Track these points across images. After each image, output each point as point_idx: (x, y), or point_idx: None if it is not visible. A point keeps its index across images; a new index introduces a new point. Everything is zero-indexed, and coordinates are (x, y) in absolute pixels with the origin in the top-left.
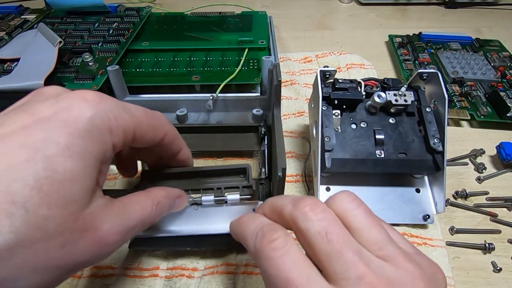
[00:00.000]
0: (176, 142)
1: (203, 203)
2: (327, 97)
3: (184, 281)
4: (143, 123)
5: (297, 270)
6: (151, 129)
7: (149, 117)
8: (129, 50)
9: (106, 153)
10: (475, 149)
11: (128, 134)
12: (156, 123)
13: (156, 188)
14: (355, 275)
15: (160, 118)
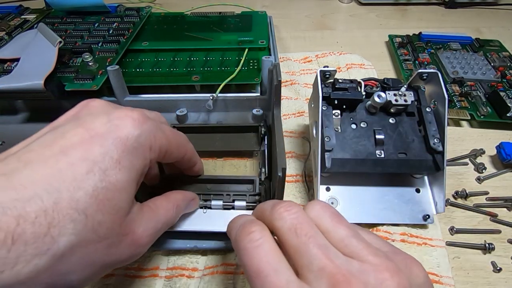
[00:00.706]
0: (193, 158)
1: (212, 207)
2: (327, 97)
3: (184, 281)
4: (172, 142)
5: (268, 261)
6: (177, 147)
7: (176, 137)
8: (129, 50)
9: (145, 167)
10: (475, 149)
11: (162, 151)
12: (180, 142)
13: (174, 192)
14: (317, 267)
15: (183, 138)
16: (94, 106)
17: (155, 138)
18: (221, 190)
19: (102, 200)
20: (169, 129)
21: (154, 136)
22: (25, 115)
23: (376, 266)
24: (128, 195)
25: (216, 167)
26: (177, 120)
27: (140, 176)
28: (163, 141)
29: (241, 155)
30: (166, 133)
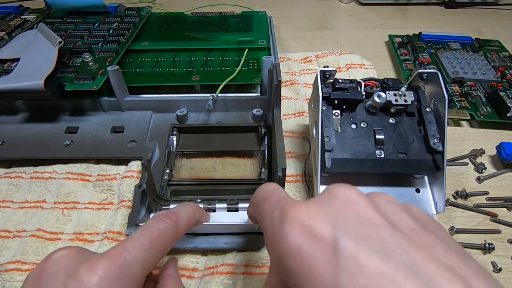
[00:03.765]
0: (191, 226)
1: (217, 210)
2: (327, 97)
3: (184, 281)
4: (150, 261)
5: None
6: (159, 254)
7: (155, 248)
8: (129, 50)
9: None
10: (475, 149)
11: (139, 284)
12: (163, 248)
13: (170, 263)
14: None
15: (166, 238)
16: (56, 262)
17: (127, 284)
18: (225, 193)
19: None
20: (145, 247)
21: (124, 284)
22: (25, 115)
23: None
24: None
25: (216, 167)
26: (177, 120)
27: None
28: (139, 274)
29: (241, 155)
30: (142, 258)
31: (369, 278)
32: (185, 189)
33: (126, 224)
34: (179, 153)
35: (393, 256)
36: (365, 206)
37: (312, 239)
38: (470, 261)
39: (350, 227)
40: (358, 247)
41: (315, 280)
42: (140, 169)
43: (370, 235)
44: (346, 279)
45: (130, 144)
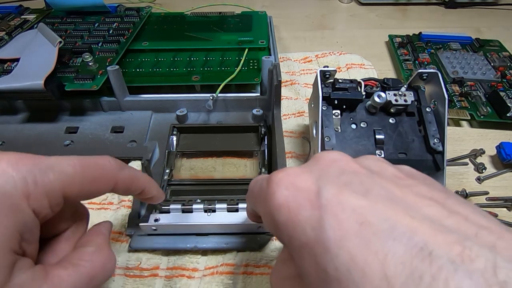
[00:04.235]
0: (132, 187)
1: (217, 210)
2: (327, 97)
3: (184, 281)
4: (76, 179)
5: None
6: (89, 183)
7: (85, 170)
8: (129, 50)
9: (27, 221)
10: (475, 149)
11: (54, 197)
12: (97, 175)
13: (99, 226)
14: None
15: (104, 168)
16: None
17: (35, 184)
18: (225, 193)
19: None
20: (75, 162)
21: (35, 181)
22: (25, 115)
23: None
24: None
25: (216, 167)
26: (177, 120)
27: (22, 233)
28: (54, 184)
29: (241, 155)
30: (64, 170)
31: (350, 212)
32: (185, 189)
33: (126, 224)
34: (179, 153)
35: (373, 192)
36: (348, 161)
37: (297, 191)
38: (452, 195)
39: (333, 177)
40: (340, 190)
41: (302, 224)
42: (140, 169)
43: (351, 181)
44: (329, 215)
45: (130, 144)
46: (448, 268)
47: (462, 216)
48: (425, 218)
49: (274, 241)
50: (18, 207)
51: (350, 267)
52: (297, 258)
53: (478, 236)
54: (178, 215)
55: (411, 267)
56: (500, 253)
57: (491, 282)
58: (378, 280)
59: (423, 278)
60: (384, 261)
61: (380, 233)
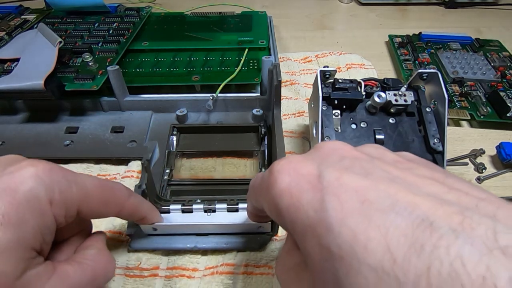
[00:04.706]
0: (136, 214)
1: (217, 210)
2: (327, 97)
3: (184, 281)
4: (93, 198)
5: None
6: (102, 204)
7: (102, 192)
8: (129, 50)
9: (48, 224)
10: (475, 149)
11: (71, 209)
12: (109, 199)
13: (98, 234)
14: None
15: (116, 193)
16: (3, 158)
17: (60, 193)
18: (225, 193)
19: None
20: (95, 182)
21: (60, 190)
22: (25, 115)
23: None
24: (15, 255)
25: (216, 167)
26: (177, 120)
27: (42, 233)
28: (73, 196)
29: (241, 155)
30: (85, 186)
31: (352, 192)
32: (185, 189)
33: (126, 224)
34: (179, 153)
35: (374, 174)
36: (349, 149)
37: (299, 176)
38: (452, 175)
39: (334, 162)
40: (341, 173)
41: (305, 207)
42: (140, 169)
43: (352, 165)
44: (330, 197)
45: (130, 144)
46: (449, 236)
47: (462, 192)
48: (426, 194)
49: (274, 241)
50: (44, 211)
51: (353, 243)
52: (301, 241)
53: (478, 207)
54: (178, 215)
55: (413, 238)
56: (500, 220)
57: (492, 247)
58: (381, 253)
59: (425, 247)
60: (386, 235)
61: (381, 209)
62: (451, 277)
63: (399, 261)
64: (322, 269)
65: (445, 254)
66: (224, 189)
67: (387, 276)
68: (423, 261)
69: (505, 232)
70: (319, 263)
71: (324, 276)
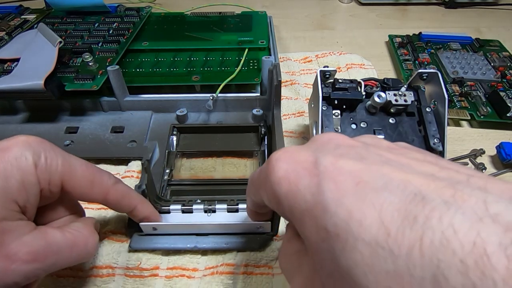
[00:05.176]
0: (124, 202)
1: (217, 210)
2: (327, 97)
3: (184, 281)
4: (77, 174)
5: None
6: (87, 183)
7: (87, 171)
8: (129, 50)
9: (31, 183)
10: (475, 149)
11: (54, 177)
12: (95, 180)
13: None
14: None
15: (102, 177)
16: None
17: (45, 159)
18: (225, 193)
19: None
20: (82, 163)
21: (45, 156)
22: (25, 115)
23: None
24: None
25: (216, 167)
26: (177, 120)
27: (26, 192)
28: (58, 165)
29: (241, 155)
30: (72, 163)
31: (347, 174)
32: (185, 189)
33: (126, 224)
34: (179, 153)
35: (369, 158)
36: (344, 138)
37: (296, 163)
38: (444, 159)
39: (330, 149)
40: (337, 158)
41: (302, 192)
42: (140, 169)
43: (348, 152)
44: (326, 180)
45: (130, 144)
46: (441, 207)
47: (453, 170)
48: (419, 172)
49: (274, 241)
50: (29, 170)
51: (348, 221)
52: (299, 226)
53: (469, 181)
54: (178, 215)
55: (406, 212)
56: (491, 192)
57: (482, 215)
58: (375, 229)
59: (417, 219)
60: (380, 211)
61: (376, 188)
62: (443, 244)
63: (393, 234)
64: (320, 249)
65: (437, 224)
66: (224, 189)
67: (382, 250)
68: (415, 232)
69: (495, 201)
70: (317, 244)
71: (322, 255)
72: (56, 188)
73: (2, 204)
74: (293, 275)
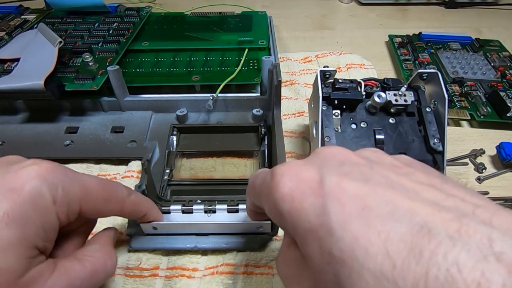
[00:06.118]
0: (137, 211)
1: (217, 210)
2: (327, 97)
3: (184, 281)
4: (94, 196)
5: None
6: (103, 202)
7: (103, 190)
8: (129, 50)
9: (51, 222)
10: (475, 149)
11: (73, 208)
12: (110, 197)
13: (105, 232)
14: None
15: (116, 192)
16: (5, 157)
17: (63, 191)
18: (225, 193)
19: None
20: (95, 181)
21: (63, 188)
22: (25, 115)
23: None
24: (20, 253)
25: (216, 167)
26: (177, 120)
27: (46, 231)
28: (75, 195)
29: (241, 155)
30: (86, 185)
31: (352, 197)
32: (185, 189)
33: (126, 224)
34: (179, 153)
35: (373, 180)
36: (348, 154)
37: (301, 181)
38: (449, 180)
39: (334, 167)
40: (341, 178)
41: (306, 211)
42: (140, 169)
43: (352, 171)
44: (332, 202)
45: (130, 144)
46: (446, 243)
47: (459, 198)
48: (424, 200)
49: (274, 241)
50: (48, 209)
51: (354, 247)
52: (302, 244)
53: (475, 214)
54: (178, 215)
55: (412, 244)
56: (496, 227)
57: (487, 253)
58: (381, 257)
59: (423, 253)
60: (386, 240)
61: (381, 215)
62: (448, 281)
63: (398, 266)
64: (324, 271)
65: (442, 260)
66: (224, 189)
67: (387, 281)
68: (421, 267)
69: (500, 239)
70: (320, 265)
71: (326, 277)
72: (74, 216)
73: (25, 254)
74: (292, 285)
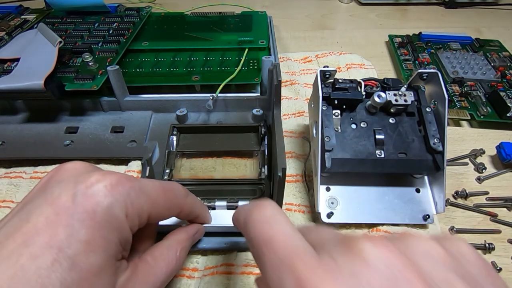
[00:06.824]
0: (193, 212)
1: (217, 208)
2: (327, 97)
3: (184, 281)
4: (159, 205)
5: (283, 230)
6: (166, 207)
7: (165, 196)
8: (129, 50)
9: (126, 236)
10: (475, 149)
11: (143, 217)
12: (172, 201)
13: (176, 232)
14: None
15: (176, 194)
16: (66, 170)
17: (132, 205)
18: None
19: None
20: (157, 187)
21: (132, 202)
22: (25, 115)
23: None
24: (107, 276)
25: (216, 167)
26: (177, 120)
27: (123, 245)
28: (143, 206)
29: (241, 155)
30: (151, 194)
31: None
32: None
33: None
34: (179, 153)
35: None
36: (408, 277)
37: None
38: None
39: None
40: None
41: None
42: (140, 169)
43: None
44: None
45: (130, 144)
46: None
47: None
48: None
49: None
50: (122, 226)
51: None
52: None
53: None
54: None
55: None
56: None
57: None
58: None
59: None
60: None
61: None
62: None
63: None
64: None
65: None
66: (224, 189)
67: None
68: None
69: None
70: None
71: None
72: (143, 224)
73: (111, 273)
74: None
